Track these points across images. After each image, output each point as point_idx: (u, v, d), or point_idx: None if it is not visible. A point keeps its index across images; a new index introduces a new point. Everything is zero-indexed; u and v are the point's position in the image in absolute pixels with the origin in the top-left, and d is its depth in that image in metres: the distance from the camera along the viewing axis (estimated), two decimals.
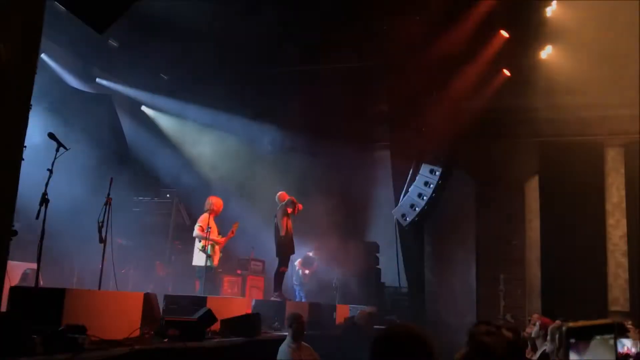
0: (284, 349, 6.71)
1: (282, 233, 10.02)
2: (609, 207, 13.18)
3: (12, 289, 5.23)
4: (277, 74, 14.25)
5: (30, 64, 3.65)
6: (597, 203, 13.10)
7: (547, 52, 12.24)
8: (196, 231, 9.41)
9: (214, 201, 9.62)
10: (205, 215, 9.46)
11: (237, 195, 13.59)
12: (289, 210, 10.12)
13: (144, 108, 14.74)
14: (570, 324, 1.49)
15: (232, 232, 9.71)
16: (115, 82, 13.61)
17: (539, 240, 13.46)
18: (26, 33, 3.60)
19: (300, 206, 10.28)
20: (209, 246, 9.27)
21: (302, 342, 6.94)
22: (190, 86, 13.83)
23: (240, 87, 13.77)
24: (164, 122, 14.77)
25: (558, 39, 11.87)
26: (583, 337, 1.48)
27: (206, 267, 9.22)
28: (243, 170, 14.08)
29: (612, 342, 1.48)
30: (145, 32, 11.54)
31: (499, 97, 12.96)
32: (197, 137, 14.47)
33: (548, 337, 5.14)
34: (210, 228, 9.25)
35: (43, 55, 11.11)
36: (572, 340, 1.48)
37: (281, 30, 13.06)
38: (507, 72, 12.75)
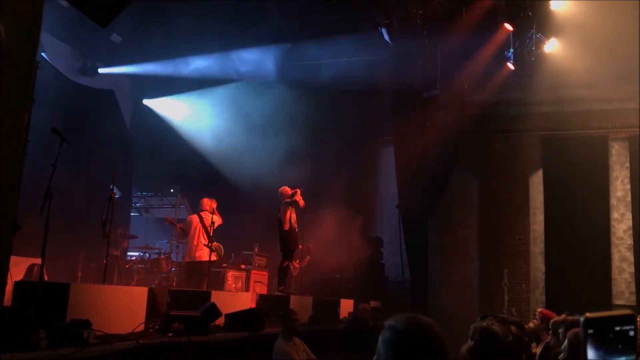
0: (279, 346, 6.68)
1: (286, 227, 10.03)
2: (613, 201, 13.13)
3: (17, 284, 5.24)
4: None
5: (31, 53, 3.62)
6: (602, 197, 13.04)
7: (551, 46, 12.19)
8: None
9: (213, 203, 10.01)
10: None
11: (241, 190, 13.61)
12: (300, 204, 10.19)
13: (145, 101, 14.73)
14: (588, 315, 1.46)
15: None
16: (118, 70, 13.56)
17: (543, 234, 13.42)
18: (26, 18, 3.56)
19: (298, 191, 10.31)
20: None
21: (296, 338, 6.91)
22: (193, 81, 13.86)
23: (242, 82, 13.78)
24: (168, 113, 14.77)
25: (562, 32, 11.81)
26: (601, 328, 1.45)
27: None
28: (247, 165, 14.08)
29: (632, 333, 1.45)
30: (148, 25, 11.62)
31: (503, 91, 12.93)
32: (200, 130, 14.48)
33: (550, 331, 5.10)
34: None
35: (44, 52, 11.13)
36: (590, 332, 1.45)
37: (284, 25, 13.07)
38: (511, 66, 12.71)
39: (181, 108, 14.71)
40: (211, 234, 9.66)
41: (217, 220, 9.87)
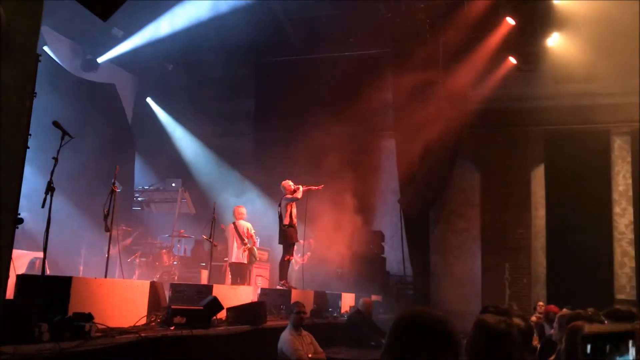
0: (285, 336, 6.73)
1: (286, 221, 10.04)
2: (615, 195, 13.12)
3: (19, 277, 5.24)
4: (281, 63, 14.22)
5: (32, 45, 3.60)
6: (604, 191, 13.04)
7: (553, 40, 12.15)
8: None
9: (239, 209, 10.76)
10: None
11: (242, 186, 13.61)
12: (302, 189, 10.25)
13: (149, 100, 14.74)
14: (586, 329, 1.44)
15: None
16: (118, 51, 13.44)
17: (545, 228, 13.42)
18: (26, 10, 3.53)
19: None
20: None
21: (303, 330, 6.96)
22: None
23: (242, 76, 13.74)
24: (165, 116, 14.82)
25: (564, 26, 11.78)
26: (599, 344, 1.43)
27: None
28: (248, 160, 14.08)
29: (630, 348, 1.43)
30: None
31: (505, 85, 12.90)
32: (200, 129, 14.49)
33: (555, 325, 5.10)
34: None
35: (46, 46, 11.12)
36: (588, 347, 1.43)
37: (285, 18, 13.04)
38: (513, 60, 12.68)
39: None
40: (244, 239, 10.36)
41: (247, 226, 10.54)
